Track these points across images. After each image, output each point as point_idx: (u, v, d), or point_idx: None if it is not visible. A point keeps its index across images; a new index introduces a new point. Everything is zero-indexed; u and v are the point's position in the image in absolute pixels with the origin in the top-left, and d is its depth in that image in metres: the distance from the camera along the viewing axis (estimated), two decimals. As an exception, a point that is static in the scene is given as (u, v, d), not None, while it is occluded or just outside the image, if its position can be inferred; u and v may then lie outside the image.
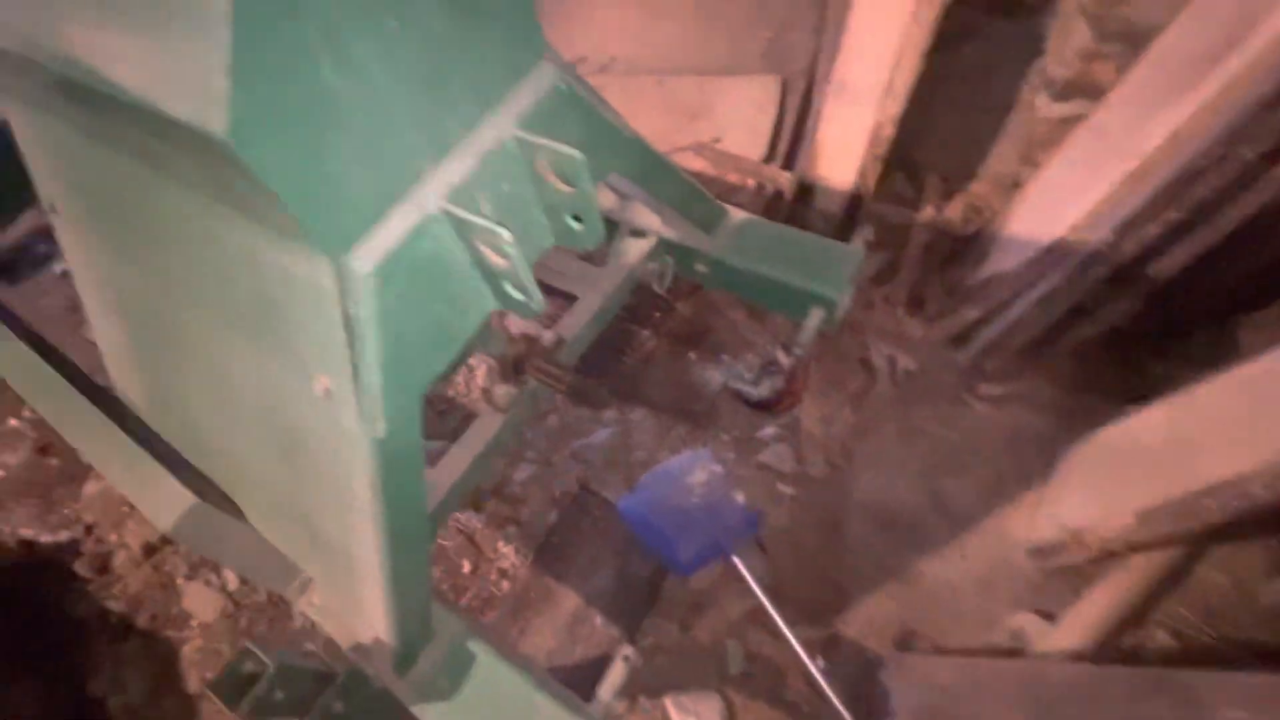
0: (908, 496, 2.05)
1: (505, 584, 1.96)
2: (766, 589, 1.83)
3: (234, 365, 0.93)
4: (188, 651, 1.85)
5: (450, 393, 2.39)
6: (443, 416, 2.34)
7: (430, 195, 0.71)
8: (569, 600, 1.88)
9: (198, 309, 0.94)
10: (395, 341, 0.73)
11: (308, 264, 0.69)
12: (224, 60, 0.51)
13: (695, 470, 2.02)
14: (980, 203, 2.62)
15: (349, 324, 0.70)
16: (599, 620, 1.83)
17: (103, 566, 2.01)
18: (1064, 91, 2.38)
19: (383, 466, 0.81)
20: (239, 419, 1.01)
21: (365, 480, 0.83)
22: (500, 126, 0.76)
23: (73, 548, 2.04)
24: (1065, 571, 1.83)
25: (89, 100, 0.75)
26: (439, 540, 2.01)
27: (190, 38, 0.52)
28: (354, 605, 1.07)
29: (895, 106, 2.20)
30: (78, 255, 1.17)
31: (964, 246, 2.53)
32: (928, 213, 2.63)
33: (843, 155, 2.34)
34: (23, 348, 1.46)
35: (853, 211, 2.48)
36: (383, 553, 0.91)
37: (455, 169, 0.73)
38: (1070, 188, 2.02)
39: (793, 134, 2.76)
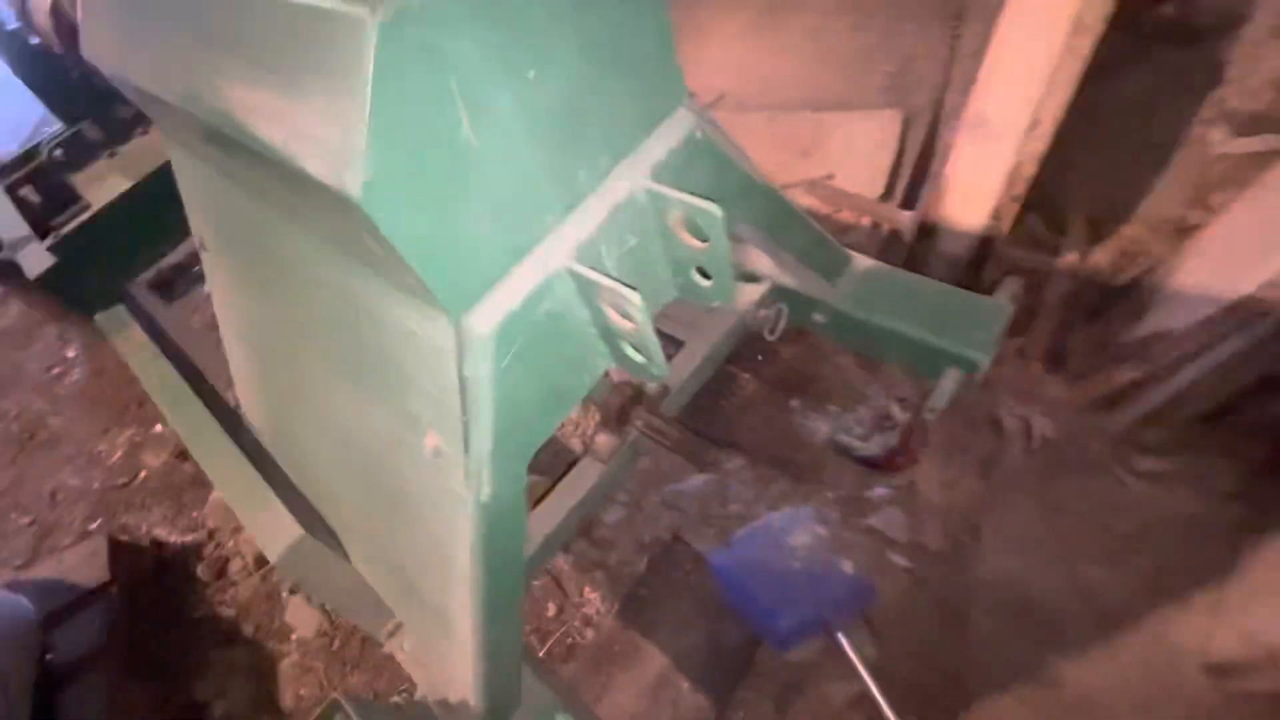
0: (1046, 583, 1.78)
1: (589, 632, 1.88)
2: (874, 673, 1.64)
3: (346, 411, 0.92)
4: (285, 666, 1.91)
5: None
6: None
7: (555, 252, 0.66)
8: (655, 659, 1.78)
9: (317, 352, 0.94)
10: (508, 405, 0.68)
11: (427, 322, 0.66)
12: (363, 119, 0.48)
13: (796, 530, 1.88)
14: (1135, 248, 2.32)
15: (463, 386, 0.66)
16: (686, 686, 1.70)
17: (220, 571, 2.14)
18: (1249, 125, 2.07)
19: (485, 530, 0.76)
20: (346, 462, 1.01)
21: (465, 542, 0.78)
22: (632, 177, 0.70)
23: (196, 550, 2.19)
24: (1256, 698, 1.50)
25: (235, 150, 0.77)
26: (526, 579, 1.97)
27: (331, 95, 0.50)
28: (443, 660, 1.03)
29: (1040, 144, 1.99)
30: (218, 285, 1.24)
31: (1116, 297, 2.23)
32: (1070, 258, 2.36)
33: (974, 195, 2.15)
34: (164, 362, 1.57)
35: (982, 255, 2.27)
36: (476, 615, 0.86)
37: (583, 223, 0.68)
38: (1263, 236, 1.72)
39: (914, 171, 2.59)
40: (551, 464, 1.58)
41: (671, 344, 1.51)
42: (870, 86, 2.73)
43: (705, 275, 0.77)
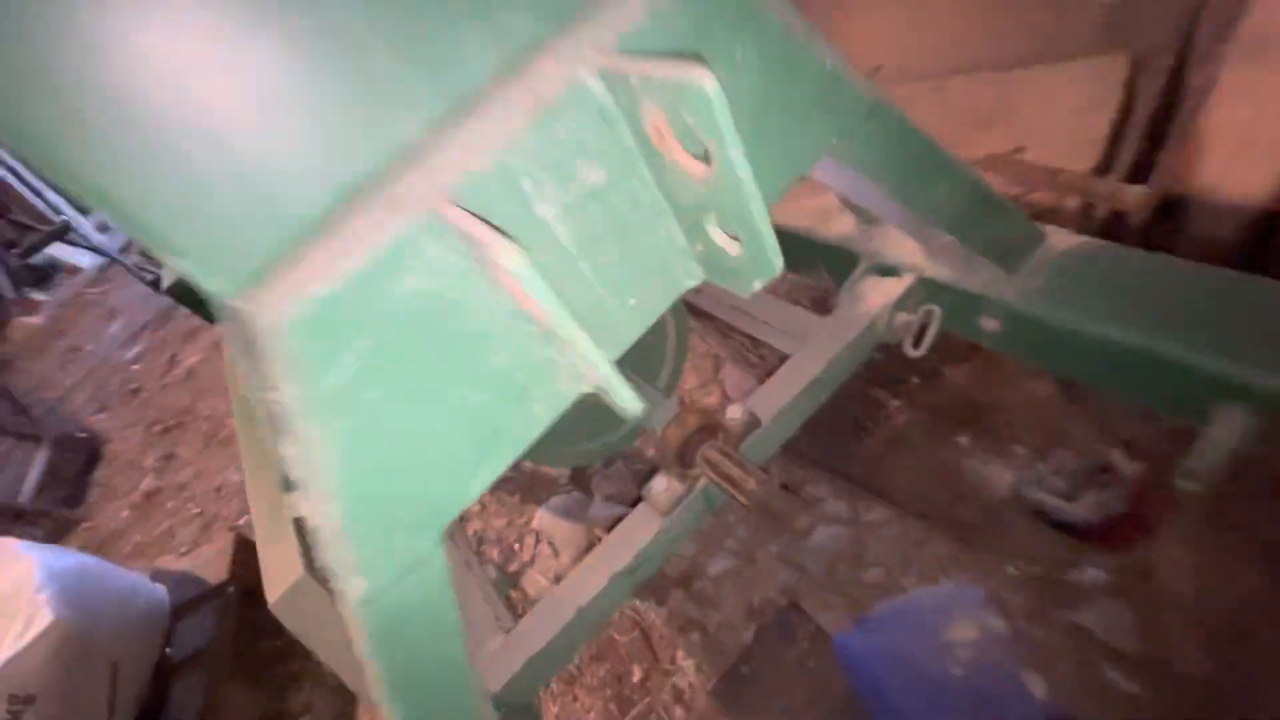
0: (1404, 758, 1.09)
1: (678, 710, 1.55)
2: None
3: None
4: (366, 690, 1.83)
5: (650, 452, 2.10)
6: (639, 476, 2.06)
7: (422, 185, 0.37)
8: (755, 763, 1.39)
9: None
10: (366, 451, 0.41)
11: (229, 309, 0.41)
12: None
13: (959, 617, 1.38)
14: None
15: (270, 414, 0.39)
16: (793, 812, 1.30)
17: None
18: None
19: (372, 638, 0.49)
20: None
21: (360, 648, 0.52)
22: (578, 53, 0.39)
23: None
24: None
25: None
26: (610, 633, 1.70)
27: None
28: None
29: (1379, 62, 1.30)
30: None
31: None
32: None
33: (1252, 149, 1.49)
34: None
35: (1263, 236, 1.57)
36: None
37: (482, 135, 0.38)
38: None
39: (1146, 132, 1.91)
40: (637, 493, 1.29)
41: (771, 358, 1.15)
42: (1079, 30, 2.10)
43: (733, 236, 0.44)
